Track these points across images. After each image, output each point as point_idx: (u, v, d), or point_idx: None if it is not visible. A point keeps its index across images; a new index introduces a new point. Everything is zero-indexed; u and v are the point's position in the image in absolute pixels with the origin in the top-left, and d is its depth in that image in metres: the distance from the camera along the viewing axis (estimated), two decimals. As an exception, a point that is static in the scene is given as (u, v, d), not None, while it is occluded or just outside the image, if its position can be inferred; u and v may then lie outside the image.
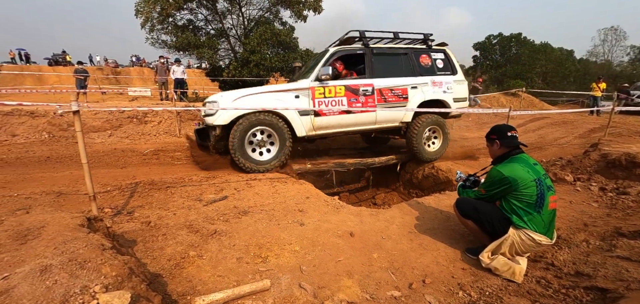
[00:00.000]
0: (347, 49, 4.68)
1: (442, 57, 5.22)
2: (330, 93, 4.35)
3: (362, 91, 4.53)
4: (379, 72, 4.70)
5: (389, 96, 4.71)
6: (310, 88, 4.25)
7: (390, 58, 4.88)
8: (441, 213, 3.34)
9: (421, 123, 4.93)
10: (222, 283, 1.97)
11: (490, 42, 27.42)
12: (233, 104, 3.94)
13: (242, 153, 3.97)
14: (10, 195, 3.24)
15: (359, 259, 2.33)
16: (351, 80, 4.58)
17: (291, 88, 4.26)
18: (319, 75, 4.23)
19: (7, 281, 1.04)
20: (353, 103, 4.47)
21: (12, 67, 21.17)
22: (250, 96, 4.03)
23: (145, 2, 13.28)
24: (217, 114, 3.86)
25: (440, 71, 5.15)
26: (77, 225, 1.54)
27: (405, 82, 4.83)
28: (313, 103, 4.26)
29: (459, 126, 10.25)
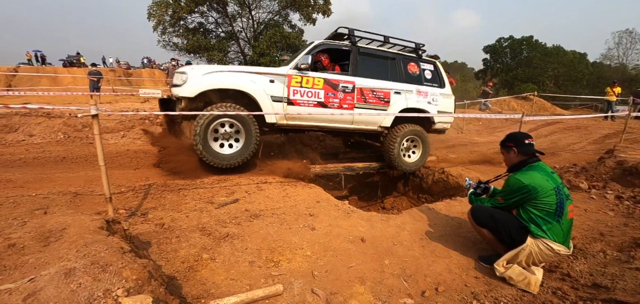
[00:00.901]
0: (332, 44, 4.57)
1: (432, 69, 5.15)
2: (307, 83, 4.20)
3: (342, 87, 4.39)
4: (362, 72, 4.58)
5: (369, 97, 4.58)
6: (287, 75, 4.11)
7: (377, 60, 4.77)
8: (452, 219, 3.31)
9: (400, 132, 4.79)
10: (235, 287, 1.99)
11: (501, 44, 27.09)
12: (203, 78, 3.75)
13: (204, 145, 3.78)
14: (28, 195, 3.33)
15: (370, 266, 2.32)
16: (331, 74, 4.43)
17: (267, 72, 4.10)
18: (298, 64, 4.12)
19: (34, 283, 1.07)
20: (330, 98, 4.32)
21: (28, 68, 21.69)
22: (223, 72, 3.86)
23: (157, 6, 13.54)
24: (184, 86, 3.70)
25: (428, 82, 5.06)
26: (96, 227, 1.58)
27: (389, 86, 4.73)
28: (288, 91, 4.09)
29: (468, 130, 10.14)
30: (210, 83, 3.76)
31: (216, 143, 3.95)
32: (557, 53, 26.52)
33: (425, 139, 5.09)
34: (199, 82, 3.73)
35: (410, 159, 5.16)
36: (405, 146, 5.02)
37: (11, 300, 1.01)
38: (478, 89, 21.18)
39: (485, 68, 27.89)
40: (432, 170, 5.61)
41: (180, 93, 3.71)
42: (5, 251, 1.34)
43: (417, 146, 5.16)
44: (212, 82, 3.77)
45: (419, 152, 5.18)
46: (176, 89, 3.77)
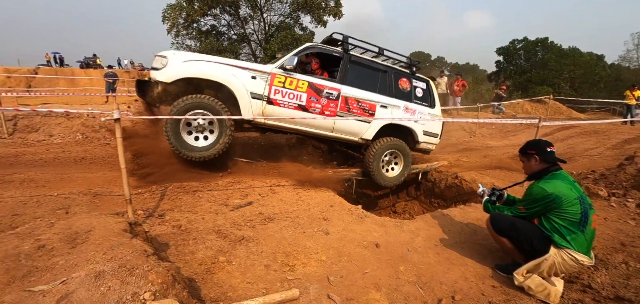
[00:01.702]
0: (323, 48, 4.52)
1: (424, 87, 5.03)
2: (290, 84, 4.09)
3: (326, 93, 4.26)
4: (350, 80, 4.46)
5: (354, 107, 4.44)
6: (271, 73, 4.01)
7: (367, 71, 4.65)
8: (467, 226, 3.27)
9: (381, 145, 4.64)
10: (251, 290, 2.01)
11: (515, 46, 26.58)
12: (183, 65, 3.68)
13: (176, 136, 3.70)
14: (50, 195, 3.44)
15: (385, 272, 2.32)
16: (317, 79, 4.32)
17: (250, 67, 4.01)
18: (284, 64, 4.04)
19: (66, 285, 1.12)
20: (312, 102, 4.20)
21: (47, 69, 22.41)
22: (203, 62, 3.79)
23: (172, 9, 13.80)
24: (163, 70, 3.64)
25: (418, 100, 4.93)
26: (120, 230, 1.63)
27: (376, 99, 4.58)
28: (269, 89, 3.99)
29: (481, 134, 9.98)
30: (188, 71, 3.67)
31: (190, 136, 3.86)
32: (573, 55, 25.84)
33: (407, 153, 4.91)
34: (178, 68, 3.66)
35: (390, 174, 4.97)
36: (386, 160, 4.87)
37: (45, 302, 1.05)
38: (491, 91, 20.84)
39: (498, 71, 27.39)
40: (445, 174, 5.55)
41: (157, 77, 3.65)
42: (36, 252, 1.39)
43: (398, 160, 4.98)
44: (191, 70, 3.69)
45: (400, 166, 4.98)
46: (154, 72, 3.70)
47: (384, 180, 4.85)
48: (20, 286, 1.16)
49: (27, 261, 1.30)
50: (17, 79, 19.60)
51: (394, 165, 5.00)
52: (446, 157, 6.53)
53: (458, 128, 9.81)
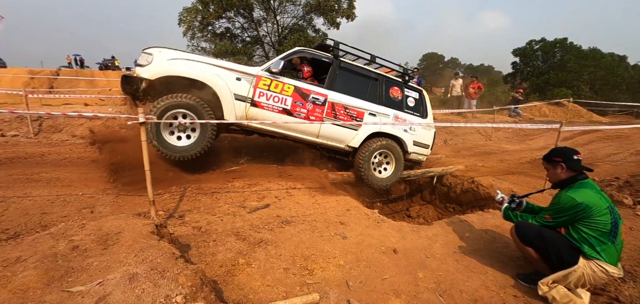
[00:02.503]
0: (312, 52, 4.48)
1: (416, 96, 4.92)
2: (276, 87, 4.06)
3: (312, 98, 4.22)
4: (339, 86, 4.40)
5: (340, 113, 4.36)
6: (256, 76, 4.00)
7: (357, 77, 4.57)
8: (486, 233, 3.22)
9: (370, 147, 4.53)
10: (271, 293, 2.04)
11: (532, 47, 25.90)
12: (167, 63, 3.70)
13: (157, 135, 3.71)
14: (75, 194, 3.57)
15: (404, 278, 2.30)
16: (303, 83, 4.28)
17: (235, 68, 3.99)
18: (270, 67, 4.03)
19: (103, 287, 1.16)
20: (297, 106, 4.16)
21: (69, 71, 23.22)
22: (188, 60, 3.79)
23: (187, 12, 14.10)
24: (147, 67, 3.66)
25: (409, 109, 4.83)
26: (148, 232, 1.68)
27: (364, 106, 4.50)
28: (253, 91, 3.97)
29: (497, 138, 9.78)
30: (171, 70, 3.69)
31: (172, 135, 3.84)
32: (593, 56, 24.99)
33: (398, 154, 4.75)
34: (162, 66, 3.69)
35: (382, 175, 4.82)
36: (377, 161, 4.74)
37: (85, 302, 1.09)
38: (507, 93, 20.36)
39: (514, 72, 26.73)
40: (461, 179, 5.47)
41: (142, 73, 3.67)
42: (71, 253, 1.45)
43: (389, 161, 4.84)
44: (174, 68, 3.70)
45: (392, 166, 4.83)
46: (139, 69, 3.73)
47: (377, 181, 4.72)
48: (59, 287, 1.21)
49: (64, 262, 1.36)
50: (40, 80, 20.33)
51: (386, 165, 4.86)
52: (461, 161, 6.44)
53: (473, 131, 9.64)
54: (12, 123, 6.98)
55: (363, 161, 4.51)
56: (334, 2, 14.87)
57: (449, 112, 10.55)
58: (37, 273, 1.25)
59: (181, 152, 3.83)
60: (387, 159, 4.84)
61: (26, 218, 2.93)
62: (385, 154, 4.77)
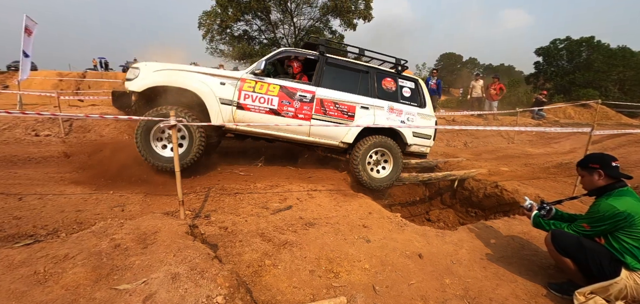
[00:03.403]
0: (297, 51, 4.43)
1: (412, 86, 4.73)
2: (260, 88, 4.05)
3: (299, 96, 4.17)
4: (327, 82, 4.32)
5: (330, 109, 4.27)
6: (241, 79, 4.03)
7: (345, 72, 4.49)
8: (513, 239, 3.13)
9: (365, 145, 4.38)
10: (298, 295, 2.06)
11: (556, 46, 24.91)
12: (153, 74, 3.83)
13: (145, 146, 3.83)
14: (107, 192, 3.72)
15: (431, 284, 2.28)
16: (288, 82, 4.24)
17: (219, 74, 4.09)
18: (254, 69, 4.05)
19: (148, 286, 1.21)
20: (285, 106, 4.12)
21: (94, 73, 24.22)
22: (173, 71, 3.89)
23: (207, 16, 14.43)
24: (135, 80, 3.80)
25: (405, 99, 4.64)
26: (183, 232, 1.73)
27: (355, 100, 4.38)
28: (239, 95, 3.99)
29: (520, 140, 9.48)
30: (157, 80, 3.81)
31: (164, 149, 3.98)
32: (622, 55, 23.78)
33: (396, 151, 4.57)
34: (148, 77, 3.82)
35: (379, 175, 4.64)
36: (374, 160, 4.59)
37: (133, 300, 1.14)
38: (529, 94, 19.68)
39: (537, 72, 25.79)
40: (484, 182, 5.34)
41: (130, 87, 3.81)
42: (114, 251, 1.51)
43: (387, 159, 4.66)
44: (160, 79, 3.81)
45: (390, 165, 4.64)
46: (128, 82, 3.86)
47: (374, 181, 4.53)
48: (107, 284, 1.27)
49: (108, 260, 1.43)
50: (68, 82, 21.30)
51: (384, 164, 4.69)
52: (483, 165, 6.29)
53: (495, 134, 9.39)
54: (44, 123, 7.35)
55: (358, 160, 4.37)
56: (351, 3, 14.83)
57: (469, 113, 10.32)
58: (85, 271, 1.32)
59: (168, 163, 3.89)
60: (384, 157, 4.66)
61: (62, 215, 3.08)
62: (382, 152, 4.59)
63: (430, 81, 10.55)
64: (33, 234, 2.66)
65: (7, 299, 1.17)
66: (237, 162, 4.88)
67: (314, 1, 15.49)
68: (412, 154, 4.88)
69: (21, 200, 3.36)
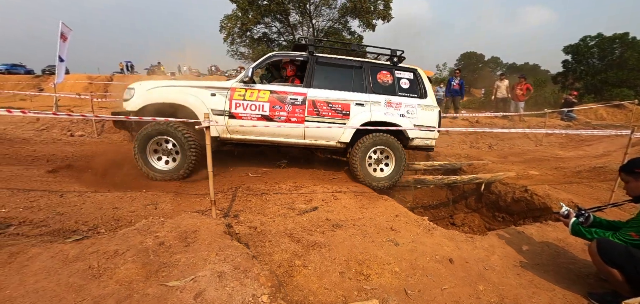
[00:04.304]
0: (285, 54, 4.36)
1: (410, 77, 4.50)
2: (251, 96, 4.07)
3: (290, 100, 4.13)
4: (318, 82, 4.25)
5: (323, 110, 4.18)
6: (231, 88, 4.07)
7: (337, 69, 4.39)
8: (548, 246, 3.01)
9: (364, 143, 4.24)
10: (330, 296, 2.07)
11: (587, 44, 23.69)
12: (146, 93, 3.97)
13: (143, 159, 4.00)
14: (139, 191, 3.87)
15: (464, 290, 2.23)
16: (278, 86, 4.23)
17: (209, 85, 4.14)
18: (243, 77, 4.06)
19: (197, 283, 1.26)
20: (276, 111, 4.10)
21: (120, 76, 25.32)
22: (164, 87, 4.03)
23: (228, 19, 14.75)
24: (131, 101, 3.96)
25: (403, 92, 4.44)
26: (221, 231, 1.78)
27: (348, 97, 4.26)
28: (230, 104, 4.03)
29: (549, 143, 9.10)
30: (150, 99, 3.96)
31: (156, 158, 4.13)
32: (661, 52, 22.36)
33: (398, 148, 4.35)
34: (142, 97, 3.98)
35: (381, 174, 4.45)
36: (375, 158, 4.42)
37: (184, 297, 1.19)
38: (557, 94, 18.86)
39: (565, 71, 24.63)
40: (512, 186, 5.17)
41: (127, 107, 3.99)
42: (159, 248, 1.58)
43: (388, 157, 4.46)
44: (152, 97, 3.97)
45: (392, 164, 4.43)
46: (125, 103, 4.03)
47: (375, 181, 4.36)
48: (157, 280, 1.33)
49: (155, 257, 1.49)
50: (97, 85, 22.36)
51: (386, 163, 4.51)
52: (510, 168, 6.08)
53: (521, 136, 9.05)
54: (78, 124, 7.76)
55: (357, 159, 4.27)
56: (370, 3, 14.75)
57: (493, 115, 10.01)
58: (136, 267, 1.38)
59: (163, 175, 4.08)
60: (385, 155, 4.47)
61: (101, 212, 3.23)
62: (383, 151, 4.42)
63: (453, 81, 10.32)
64: (76, 230, 2.82)
65: (67, 292, 1.25)
66: (260, 163, 4.96)
67: (333, 2, 15.51)
68: (416, 148, 4.71)
69: (62, 196, 3.55)
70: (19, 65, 27.37)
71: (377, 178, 4.39)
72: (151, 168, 4.09)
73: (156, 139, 4.04)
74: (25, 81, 22.80)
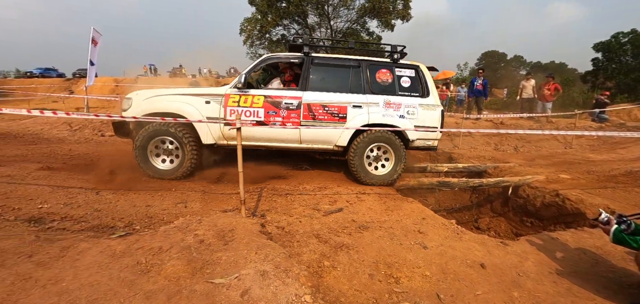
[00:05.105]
0: (280, 57, 4.29)
1: (411, 75, 4.31)
2: (245, 102, 4.04)
3: (285, 104, 4.07)
4: (314, 85, 4.16)
5: (319, 113, 4.10)
6: (225, 95, 4.05)
7: (334, 70, 4.28)
8: (585, 254, 2.89)
9: (363, 140, 4.12)
10: (361, 298, 2.07)
11: (619, 41, 22.54)
12: (143, 102, 4.06)
13: (143, 159, 4.06)
14: (169, 189, 4.01)
15: (498, 296, 2.18)
16: (273, 91, 4.20)
17: (204, 93, 4.16)
18: (236, 83, 4.04)
19: (241, 281, 1.30)
20: (271, 116, 4.06)
21: (145, 78, 26.32)
22: (161, 96, 4.09)
23: (248, 22, 15.02)
24: (129, 110, 4.06)
25: (404, 91, 4.27)
26: (257, 231, 1.83)
27: (345, 99, 4.15)
28: (224, 111, 4.03)
29: (579, 145, 8.71)
30: (148, 108, 4.05)
31: (157, 158, 4.20)
32: (702, 49, 20.93)
33: (397, 145, 4.21)
34: (139, 106, 4.07)
35: (380, 171, 4.33)
36: (374, 155, 4.30)
37: (231, 294, 1.23)
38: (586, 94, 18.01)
39: (595, 70, 23.50)
40: (541, 191, 4.99)
41: (126, 116, 4.07)
42: (200, 246, 1.64)
43: (388, 155, 4.32)
44: (149, 106, 4.05)
45: (392, 161, 4.30)
46: (124, 113, 4.15)
47: (372, 178, 4.27)
48: (202, 277, 1.38)
49: (197, 254, 1.55)
50: (122, 87, 23.31)
51: (385, 160, 4.38)
52: (539, 171, 5.86)
53: (549, 138, 8.71)
54: (109, 125, 8.11)
55: (354, 154, 4.16)
56: (389, 3, 14.62)
57: (518, 116, 9.68)
58: (181, 263, 1.45)
59: (163, 174, 4.17)
60: (385, 153, 4.34)
61: (134, 209, 3.38)
62: (381, 147, 4.29)
63: (476, 81, 10.06)
64: (113, 226, 2.96)
65: (120, 286, 1.32)
66: (284, 163, 5.01)
67: (351, 3, 15.48)
68: (418, 149, 4.58)
69: (98, 194, 3.73)
70: (52, 69, 28.95)
71: (374, 176, 4.29)
72: (151, 168, 4.19)
73: (157, 140, 4.13)
74: (57, 84, 24.09)
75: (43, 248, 1.79)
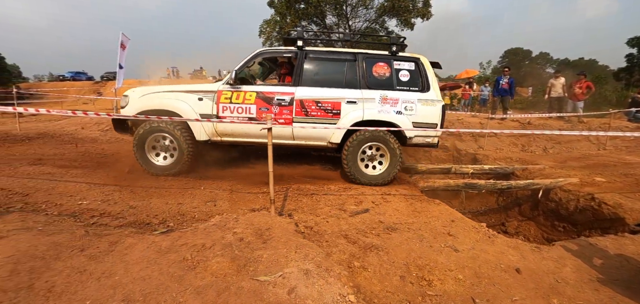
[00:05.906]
0: (273, 51, 4.25)
1: (411, 68, 4.13)
2: (237, 98, 4.04)
3: (277, 100, 4.03)
4: (307, 80, 4.08)
5: (312, 110, 4.02)
6: (217, 91, 4.05)
7: (328, 64, 4.17)
8: (628, 262, 2.75)
9: (356, 138, 4.03)
10: (393, 300, 2.06)
11: (655, 36, 21.26)
12: (139, 100, 4.14)
13: (141, 156, 4.17)
14: (198, 188, 4.14)
15: (536, 302, 2.11)
16: (265, 87, 4.18)
17: (196, 89, 4.14)
18: (228, 79, 4.03)
19: (286, 280, 1.33)
20: (263, 112, 4.04)
21: (168, 80, 27.23)
22: (154, 94, 4.15)
23: (267, 24, 15.24)
24: (126, 108, 4.16)
25: (402, 85, 4.09)
26: (293, 230, 1.87)
27: (338, 95, 4.03)
28: (217, 108, 4.04)
29: (613, 146, 8.27)
30: (142, 106, 4.13)
31: (154, 154, 4.29)
32: None
33: (391, 144, 4.09)
34: (136, 103, 4.16)
35: (373, 172, 4.23)
36: (369, 155, 4.20)
37: (278, 292, 1.27)
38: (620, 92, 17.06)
39: (630, 66, 22.22)
40: (575, 194, 4.78)
41: (124, 113, 4.21)
42: (239, 244, 1.69)
43: (383, 154, 4.21)
44: (145, 104, 4.13)
45: (387, 161, 4.19)
46: (122, 110, 4.26)
47: (366, 178, 4.18)
48: (247, 275, 1.43)
49: (239, 252, 1.60)
50: (147, 89, 24.15)
51: (381, 160, 4.27)
52: (572, 173, 5.61)
53: (581, 139, 8.32)
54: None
55: (347, 153, 4.08)
56: (409, 1, 14.41)
57: (547, 115, 9.30)
58: (226, 260, 1.50)
59: (161, 170, 4.28)
60: (380, 152, 4.23)
61: (167, 206, 3.51)
62: (376, 147, 4.19)
63: (502, 80, 9.75)
64: (149, 222, 3.09)
65: (170, 281, 1.39)
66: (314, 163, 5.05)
67: (370, 2, 15.37)
68: (416, 146, 4.41)
69: (132, 192, 3.89)
70: (82, 72, 30.46)
71: (369, 176, 4.21)
72: (149, 164, 4.30)
73: (153, 137, 4.22)
74: (87, 87, 25.32)
75: (93, 243, 1.90)
